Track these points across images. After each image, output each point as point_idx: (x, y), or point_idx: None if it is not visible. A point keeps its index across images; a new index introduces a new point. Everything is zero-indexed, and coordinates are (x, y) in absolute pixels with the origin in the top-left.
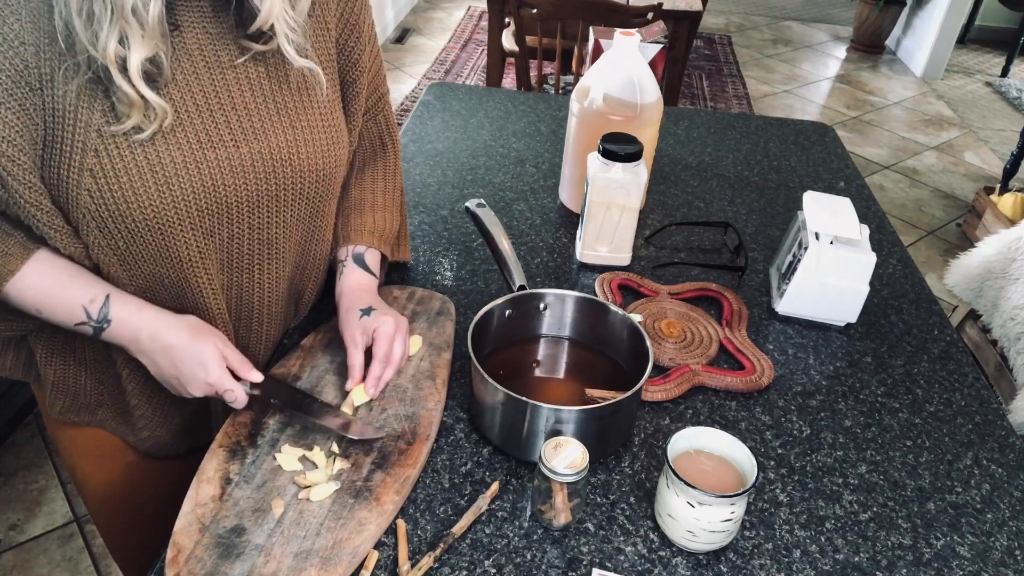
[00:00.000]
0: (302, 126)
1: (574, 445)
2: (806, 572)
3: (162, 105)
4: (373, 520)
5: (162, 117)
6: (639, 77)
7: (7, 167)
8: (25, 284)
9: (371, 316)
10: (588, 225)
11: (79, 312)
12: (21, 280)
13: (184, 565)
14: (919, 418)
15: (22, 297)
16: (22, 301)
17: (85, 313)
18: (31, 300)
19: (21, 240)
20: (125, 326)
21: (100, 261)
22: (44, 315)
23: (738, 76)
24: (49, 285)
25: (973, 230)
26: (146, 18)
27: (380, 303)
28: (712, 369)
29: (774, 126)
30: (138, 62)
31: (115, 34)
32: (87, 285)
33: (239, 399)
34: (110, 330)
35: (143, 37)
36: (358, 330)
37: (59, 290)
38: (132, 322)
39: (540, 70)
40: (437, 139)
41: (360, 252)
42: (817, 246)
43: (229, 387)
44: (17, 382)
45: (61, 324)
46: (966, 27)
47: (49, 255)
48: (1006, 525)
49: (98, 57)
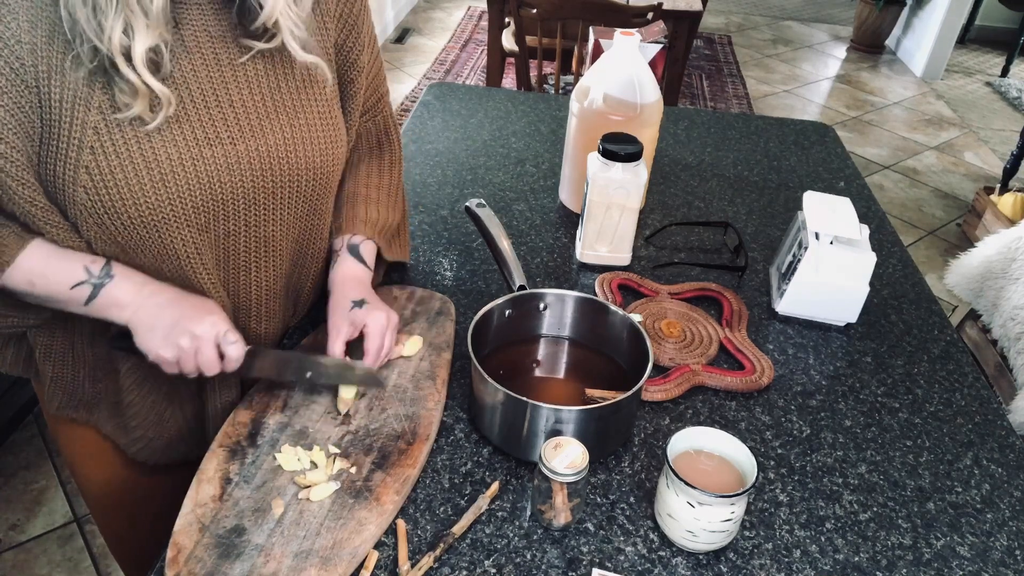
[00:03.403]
0: (300, 124)
1: (574, 445)
2: (806, 572)
3: (166, 93)
4: (373, 520)
5: (167, 105)
6: (639, 77)
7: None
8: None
9: (363, 309)
10: (588, 225)
11: (79, 272)
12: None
13: (184, 565)
14: (919, 418)
15: (16, 273)
16: (15, 279)
17: (86, 272)
18: (24, 272)
19: (16, 231)
20: (128, 280)
21: (105, 255)
22: (36, 287)
23: (738, 76)
24: (46, 255)
25: (973, 230)
26: (150, 7)
27: (374, 296)
28: (712, 369)
29: (774, 126)
30: (142, 51)
31: (120, 23)
32: (85, 254)
33: (239, 348)
34: (111, 286)
35: (147, 26)
36: (345, 320)
37: (56, 258)
38: (135, 277)
39: (540, 70)
40: (437, 139)
41: (356, 243)
42: (817, 246)
43: (234, 333)
44: (17, 382)
45: (52, 295)
46: (966, 27)
47: (45, 242)
48: (1006, 525)
49: (103, 47)
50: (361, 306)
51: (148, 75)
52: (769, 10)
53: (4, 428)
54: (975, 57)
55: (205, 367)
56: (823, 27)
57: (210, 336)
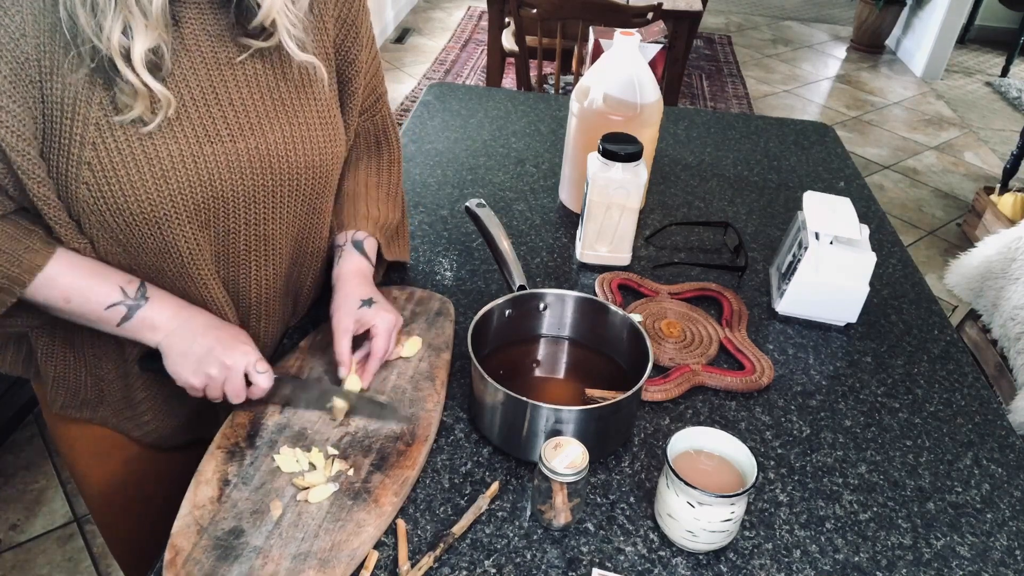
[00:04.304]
0: (299, 123)
1: (574, 445)
2: (806, 572)
3: (166, 94)
4: (372, 522)
5: (166, 106)
6: (639, 77)
7: (16, 160)
8: (55, 271)
9: (371, 308)
10: (588, 225)
11: (115, 293)
12: (48, 272)
13: (182, 567)
14: (919, 418)
15: (51, 287)
16: (49, 293)
17: (122, 293)
18: (62, 288)
19: (43, 236)
20: (163, 304)
21: (107, 255)
22: (73, 303)
23: (738, 76)
24: (79, 269)
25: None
26: (149, 8)
27: (380, 296)
28: (712, 369)
29: (774, 126)
30: (141, 52)
31: (119, 24)
32: (117, 271)
33: (268, 378)
34: (146, 308)
35: (146, 27)
36: (352, 318)
37: (90, 274)
38: (171, 301)
39: (540, 70)
40: (437, 139)
41: (360, 239)
42: (817, 246)
43: (263, 363)
44: (17, 382)
45: (85, 313)
46: (966, 27)
47: (68, 250)
48: (1006, 525)
49: (102, 48)
50: (370, 305)
51: (148, 76)
52: (769, 10)
53: (4, 428)
54: (975, 57)
55: (231, 395)
56: (823, 27)
57: (240, 367)
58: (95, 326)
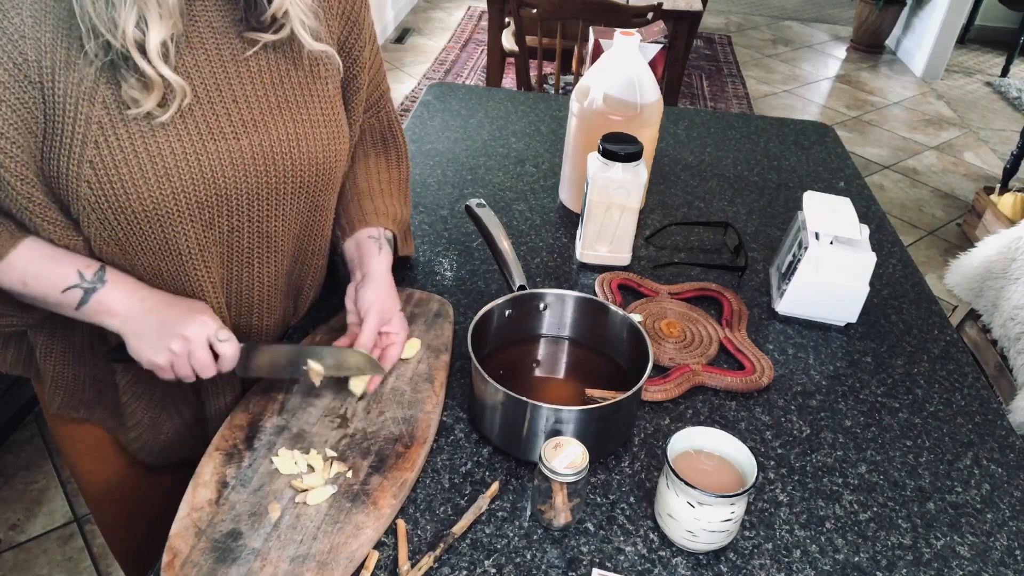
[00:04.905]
0: (303, 119)
1: (574, 445)
2: (806, 572)
3: (181, 84)
4: (370, 524)
5: (181, 96)
6: (639, 77)
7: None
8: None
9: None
10: (588, 225)
11: (72, 275)
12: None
13: (180, 570)
14: (919, 418)
15: (9, 272)
16: (6, 278)
17: (79, 276)
18: (18, 272)
19: (10, 228)
20: (119, 287)
21: (103, 253)
22: (29, 288)
23: (738, 76)
24: (41, 256)
25: (973, 230)
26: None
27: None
28: (712, 369)
29: (774, 126)
30: (157, 42)
31: (133, 16)
32: (80, 257)
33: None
34: (102, 292)
35: (161, 17)
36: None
37: (51, 260)
38: (127, 284)
39: (540, 70)
40: (437, 139)
41: (391, 236)
42: (817, 246)
43: (225, 331)
44: (17, 382)
45: (44, 298)
46: (966, 27)
47: (39, 240)
48: (1006, 525)
49: (116, 42)
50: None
51: (164, 67)
52: (769, 10)
53: (4, 428)
54: (975, 57)
55: (200, 370)
56: (823, 27)
57: (201, 337)
58: (59, 311)
